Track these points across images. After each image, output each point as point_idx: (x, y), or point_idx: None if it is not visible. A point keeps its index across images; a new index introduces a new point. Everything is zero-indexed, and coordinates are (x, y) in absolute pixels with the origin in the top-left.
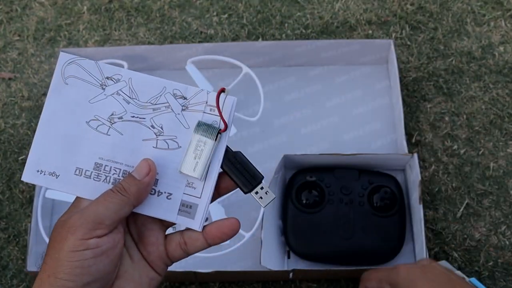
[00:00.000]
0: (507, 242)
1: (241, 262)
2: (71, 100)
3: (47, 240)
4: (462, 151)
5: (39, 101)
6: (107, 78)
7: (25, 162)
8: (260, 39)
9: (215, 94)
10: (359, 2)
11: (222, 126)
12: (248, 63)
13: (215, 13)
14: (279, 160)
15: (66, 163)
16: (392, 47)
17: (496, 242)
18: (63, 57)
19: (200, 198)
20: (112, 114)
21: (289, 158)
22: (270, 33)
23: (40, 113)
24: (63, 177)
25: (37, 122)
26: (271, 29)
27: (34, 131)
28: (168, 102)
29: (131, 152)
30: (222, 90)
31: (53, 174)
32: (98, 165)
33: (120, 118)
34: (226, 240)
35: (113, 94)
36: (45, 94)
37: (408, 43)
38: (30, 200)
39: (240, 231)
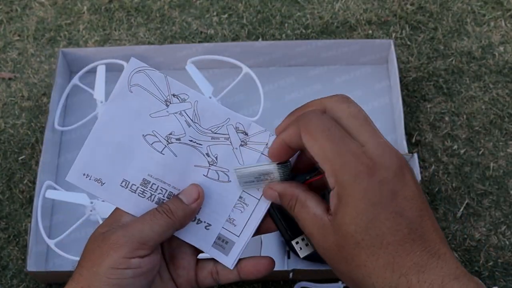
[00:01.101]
0: (507, 242)
1: None
2: (132, 109)
3: (47, 240)
4: (462, 151)
5: (39, 101)
6: (173, 95)
7: (25, 162)
8: (260, 39)
9: None
10: (359, 2)
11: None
12: (248, 63)
13: (215, 13)
14: None
15: (114, 172)
16: (392, 47)
17: (496, 242)
18: (133, 63)
19: (238, 237)
20: (171, 134)
21: None
22: (270, 33)
23: (40, 113)
24: (108, 185)
25: (37, 122)
26: (271, 29)
27: (34, 131)
28: (228, 134)
29: (180, 175)
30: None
31: (99, 181)
32: (145, 182)
33: (178, 139)
34: (260, 277)
35: (176, 113)
36: (45, 94)
37: (408, 43)
38: (30, 200)
39: None
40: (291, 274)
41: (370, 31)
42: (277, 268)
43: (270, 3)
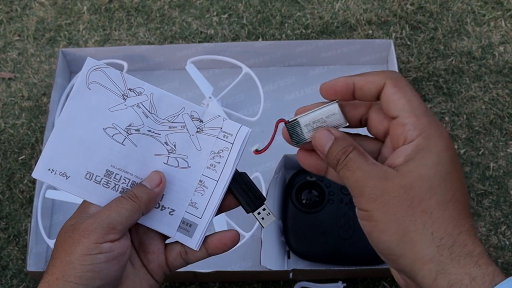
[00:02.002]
0: (507, 242)
1: (241, 262)
2: (91, 105)
3: (47, 240)
4: (462, 151)
5: (39, 101)
6: (130, 89)
7: (25, 162)
8: (260, 39)
9: (230, 122)
10: (359, 2)
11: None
12: (248, 63)
13: (215, 13)
14: (279, 160)
15: (78, 165)
16: (392, 47)
17: (496, 242)
18: (90, 62)
19: (200, 218)
20: (130, 125)
21: (289, 158)
22: (270, 33)
23: (40, 113)
24: (73, 179)
25: (37, 122)
26: (271, 29)
27: (34, 131)
28: (184, 122)
29: (142, 165)
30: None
31: (64, 175)
32: (109, 172)
33: (137, 130)
34: (227, 251)
35: (133, 105)
36: (45, 94)
37: (408, 43)
38: (30, 200)
39: (240, 231)
40: (291, 274)
41: (370, 31)
42: (277, 268)
43: (270, 3)
